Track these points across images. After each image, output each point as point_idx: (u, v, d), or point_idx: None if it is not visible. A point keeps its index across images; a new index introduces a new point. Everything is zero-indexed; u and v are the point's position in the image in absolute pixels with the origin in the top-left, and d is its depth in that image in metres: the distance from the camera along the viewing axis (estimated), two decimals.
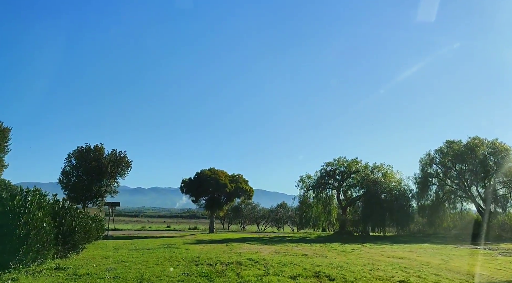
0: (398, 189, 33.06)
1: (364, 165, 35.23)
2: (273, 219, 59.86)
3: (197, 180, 38.33)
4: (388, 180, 33.21)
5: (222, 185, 37.25)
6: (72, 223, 15.14)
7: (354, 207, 35.70)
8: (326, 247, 21.40)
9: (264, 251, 18.25)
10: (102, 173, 30.78)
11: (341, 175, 36.11)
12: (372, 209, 31.96)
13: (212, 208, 39.40)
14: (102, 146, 31.99)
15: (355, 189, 35.58)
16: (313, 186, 36.43)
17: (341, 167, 36.28)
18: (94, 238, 24.18)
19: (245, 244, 23.47)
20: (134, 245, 22.15)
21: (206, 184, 37.39)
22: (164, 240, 27.18)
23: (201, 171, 39.13)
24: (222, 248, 20.66)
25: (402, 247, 22.77)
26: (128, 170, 32.79)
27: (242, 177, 40.19)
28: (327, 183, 36.61)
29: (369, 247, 22.16)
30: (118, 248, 20.02)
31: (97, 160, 30.72)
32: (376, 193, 32.41)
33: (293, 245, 22.53)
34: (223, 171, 39.60)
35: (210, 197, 39.30)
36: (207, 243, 24.62)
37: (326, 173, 36.62)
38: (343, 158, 36.55)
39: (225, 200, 39.84)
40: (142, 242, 25.46)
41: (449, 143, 41.38)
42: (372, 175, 34.31)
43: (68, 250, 14.59)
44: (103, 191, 31.77)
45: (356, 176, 35.52)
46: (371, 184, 33.15)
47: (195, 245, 22.60)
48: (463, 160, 39.71)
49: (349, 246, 22.55)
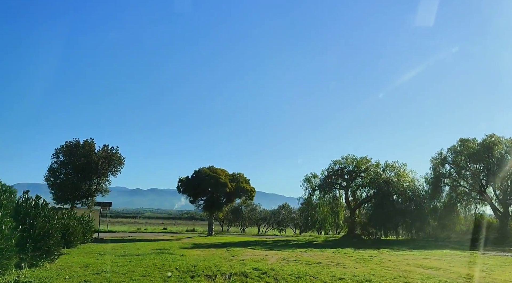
0: (412, 190, 30.67)
1: (375, 164, 32.92)
2: (274, 221, 57.53)
3: (195, 179, 36.05)
4: (402, 179, 30.86)
5: (221, 185, 34.98)
6: (46, 225, 12.87)
7: (364, 208, 33.45)
8: (339, 253, 19.15)
9: (270, 259, 15.99)
10: (92, 170, 28.49)
11: (350, 174, 33.80)
12: (384, 211, 29.72)
13: (211, 209, 37.11)
14: (92, 141, 29.71)
15: (365, 189, 33.30)
16: (319, 186, 34.16)
17: (350, 165, 34.00)
18: (80, 242, 21.98)
19: (247, 249, 21.20)
20: (124, 250, 19.91)
21: (205, 183, 35.10)
22: (158, 244, 24.94)
23: (199, 169, 36.86)
24: (222, 253, 18.42)
25: (423, 253, 20.53)
26: (120, 167, 30.51)
27: (243, 176, 37.91)
28: (335, 183, 34.32)
29: (387, 253, 19.91)
30: (104, 253, 17.76)
31: (87, 156, 28.43)
32: (388, 194, 30.14)
33: (302, 251, 20.27)
34: (223, 170, 37.33)
35: (209, 197, 37.02)
36: (205, 248, 22.37)
37: (333, 172, 34.33)
38: (352, 156, 34.30)
39: (225, 201, 37.57)
40: (133, 245, 23.21)
41: (463, 141, 39.12)
42: (383, 174, 32.02)
43: (39, 257, 12.30)
44: (93, 190, 29.44)
45: (366, 175, 33.22)
46: (383, 184, 30.87)
47: (192, 250, 20.35)
48: (479, 159, 37.45)
49: (364, 252, 20.30)
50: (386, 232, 30.66)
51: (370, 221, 30.80)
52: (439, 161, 40.92)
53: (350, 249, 22.17)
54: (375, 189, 31.51)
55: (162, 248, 21.05)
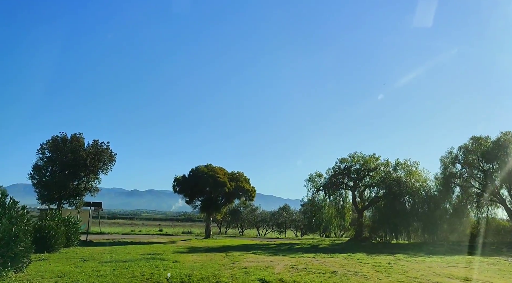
0: (425, 190, 28.63)
1: (385, 162, 30.91)
2: (274, 223, 55.49)
3: (192, 177, 34.05)
4: (414, 179, 28.85)
5: (220, 184, 33.00)
6: (13, 227, 10.87)
7: (373, 210, 31.45)
8: (352, 259, 17.18)
9: (277, 266, 14.02)
10: (80, 167, 26.43)
11: (357, 173, 31.80)
12: (395, 212, 27.77)
13: (209, 210, 35.11)
14: (81, 136, 27.65)
15: (373, 189, 31.27)
16: (324, 186, 32.17)
17: (357, 164, 32.03)
18: (63, 245, 19.98)
19: (249, 254, 19.21)
20: (111, 255, 17.93)
21: (202, 182, 33.12)
22: (151, 248, 22.95)
23: (196, 168, 34.85)
24: (221, 259, 16.44)
25: (445, 260, 18.60)
26: (111, 164, 28.43)
27: (243, 175, 35.93)
28: (341, 183, 32.32)
29: (405, 259, 17.96)
30: (87, 259, 15.77)
31: (75, 152, 26.37)
32: (399, 194, 28.14)
33: (310, 257, 18.30)
34: (221, 168, 35.35)
35: (206, 198, 35.05)
36: (202, 252, 20.39)
37: (339, 171, 32.33)
38: (359, 153, 32.31)
39: (224, 201, 35.59)
40: (123, 249, 21.21)
41: (475, 139, 37.21)
42: (394, 173, 30.03)
43: (2, 266, 10.29)
44: (81, 189, 27.36)
45: (374, 174, 31.23)
46: (394, 184, 28.87)
47: (187, 255, 18.36)
48: (493, 158, 35.54)
49: (379, 258, 18.35)
50: (397, 235, 28.68)
51: (379, 223, 28.85)
52: (450, 161, 38.98)
53: (362, 254, 20.22)
54: (385, 189, 29.50)
55: (154, 252, 19.06)
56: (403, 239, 30.21)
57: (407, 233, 28.55)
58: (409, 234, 28.53)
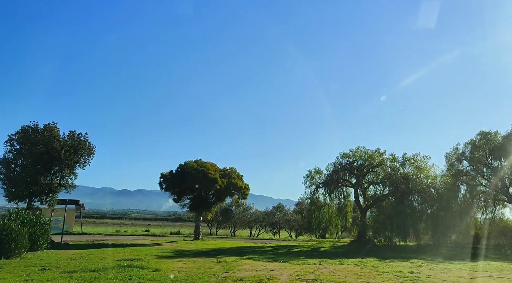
0: (435, 187, 26.20)
1: (391, 157, 28.46)
2: (267, 223, 52.93)
3: (180, 174, 31.34)
4: (424, 175, 26.48)
5: (211, 181, 30.36)
6: None
7: (377, 209, 29.08)
8: (366, 266, 14.73)
9: (280, 277, 11.52)
10: (52, 160, 23.61)
11: (360, 170, 29.38)
12: (403, 212, 25.45)
13: (198, 209, 32.45)
14: (55, 126, 24.80)
15: (378, 186, 28.85)
16: (324, 183, 29.72)
17: (360, 159, 29.59)
18: (26, 250, 17.18)
19: (244, 259, 16.66)
20: (82, 261, 15.28)
21: (191, 179, 30.44)
22: (132, 251, 20.32)
23: (185, 163, 32.15)
24: (212, 267, 13.89)
25: (468, 266, 16.31)
26: (90, 158, 25.61)
27: (235, 171, 33.32)
28: (342, 179, 29.88)
29: (426, 266, 15.58)
30: (49, 267, 13.12)
31: (47, 143, 23.52)
32: (408, 192, 25.77)
33: (315, 263, 15.79)
34: (212, 164, 32.71)
35: (196, 196, 32.39)
36: (189, 257, 17.80)
37: (340, 166, 29.88)
38: (363, 148, 29.83)
39: (215, 199, 32.96)
40: (100, 253, 18.55)
41: (483, 134, 35.03)
42: (402, 169, 27.66)
43: None
44: (55, 185, 24.50)
45: (380, 170, 28.84)
46: (402, 181, 26.49)
47: (172, 261, 15.77)
48: (502, 154, 33.42)
49: (395, 264, 15.94)
50: (405, 237, 26.34)
51: (385, 224, 26.50)
52: (456, 157, 36.80)
53: (374, 259, 17.80)
54: (391, 187, 27.11)
55: (133, 257, 16.44)
56: (410, 241, 27.93)
57: (415, 235, 26.20)
58: (418, 236, 26.17)
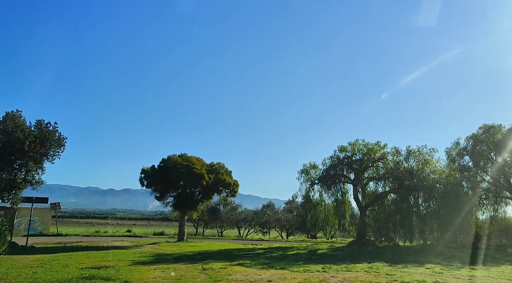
0: (442, 183, 23.91)
1: (393, 150, 26.22)
2: (257, 223, 50.50)
3: (163, 169, 28.71)
4: (430, 170, 24.27)
5: (197, 176, 27.81)
6: None
7: (378, 207, 26.85)
8: (379, 275, 12.48)
9: None
10: (15, 152, 20.80)
11: (360, 164, 27.14)
12: (407, 210, 23.34)
13: (183, 208, 29.87)
14: (19, 114, 21.94)
15: (379, 182, 26.65)
16: (320, 179, 27.45)
17: (359, 153, 27.37)
18: None
19: (234, 266, 14.23)
20: (38, 270, 12.75)
21: (176, 174, 27.84)
22: (105, 255, 17.77)
23: (168, 158, 29.51)
24: (196, 277, 11.49)
25: (495, 272, 14.10)
26: (60, 150, 22.81)
27: (223, 166, 30.82)
28: (340, 175, 27.60)
29: (449, 274, 13.37)
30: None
31: (8, 133, 20.69)
32: (413, 188, 23.58)
33: (318, 269, 13.45)
34: (198, 158, 30.14)
35: (180, 193, 29.83)
36: (170, 262, 15.31)
37: (338, 161, 27.62)
38: (362, 141, 27.61)
39: (201, 197, 30.43)
40: (65, 260, 15.96)
41: (486, 128, 33.35)
42: (406, 163, 25.46)
43: None
44: (18, 181, 21.66)
45: (381, 165, 26.63)
46: (406, 176, 24.30)
47: (148, 268, 13.27)
48: (506, 149, 31.63)
49: (411, 271, 13.71)
50: (411, 237, 24.21)
51: (388, 223, 24.37)
52: (457, 152, 35.06)
53: (382, 264, 15.56)
54: (394, 183, 24.93)
55: (102, 265, 13.87)
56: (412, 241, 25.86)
57: (421, 235, 24.09)
58: (423, 236, 24.05)
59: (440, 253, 20.09)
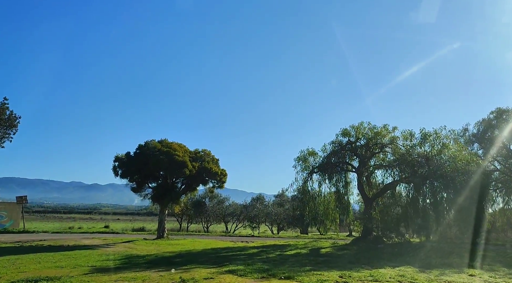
0: (465, 172, 20.61)
1: (407, 133, 22.87)
2: (246, 217, 47.16)
3: (140, 156, 25.09)
4: (450, 155, 21.04)
5: (178, 164, 24.31)
6: None
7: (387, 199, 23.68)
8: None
9: None
10: None
11: (365, 150, 23.92)
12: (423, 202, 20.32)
13: (163, 201, 26.35)
14: None
15: (388, 171, 23.39)
16: (320, 167, 24.22)
17: (363, 138, 24.19)
18: None
19: (223, 273, 10.94)
20: None
21: (154, 162, 24.27)
22: (62, 258, 14.31)
23: (146, 144, 25.88)
24: None
25: None
26: (12, 131, 19.12)
27: (209, 154, 27.37)
28: (342, 163, 24.37)
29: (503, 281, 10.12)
30: None
31: None
32: (430, 177, 20.44)
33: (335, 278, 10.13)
34: (181, 145, 26.62)
35: (160, 184, 26.35)
36: (140, 269, 11.85)
37: (340, 147, 24.39)
38: (367, 124, 24.33)
39: (184, 188, 26.94)
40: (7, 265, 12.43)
41: (499, 112, 30.45)
42: (420, 148, 22.21)
43: None
44: None
45: (390, 150, 23.46)
46: (422, 163, 21.14)
47: (108, 279, 9.76)
48: None
49: (452, 279, 10.46)
50: (428, 233, 21.20)
51: (400, 217, 21.30)
52: (466, 139, 32.22)
53: (411, 269, 12.43)
54: (406, 171, 21.72)
55: (46, 276, 10.37)
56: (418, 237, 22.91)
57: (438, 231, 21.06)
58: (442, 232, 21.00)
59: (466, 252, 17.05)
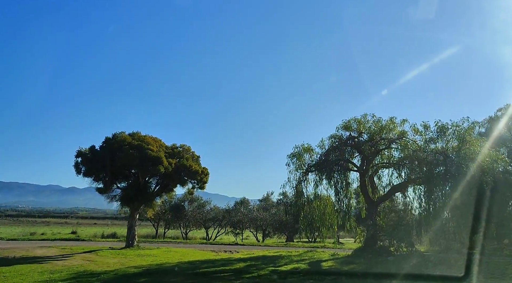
0: (490, 171, 17.57)
1: (422, 126, 19.59)
2: (228, 223, 43.53)
3: (107, 151, 21.38)
4: (471, 151, 17.99)
5: (152, 160, 20.71)
6: None
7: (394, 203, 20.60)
8: None
9: None
10: None
11: (369, 146, 20.76)
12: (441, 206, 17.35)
13: (134, 203, 22.60)
14: None
15: (397, 170, 20.16)
16: (316, 166, 21.00)
17: (367, 133, 21.10)
18: None
19: None
20: None
21: (123, 158, 20.59)
22: None
23: (114, 136, 22.14)
24: None
25: None
26: None
27: (189, 149, 23.88)
28: (343, 160, 21.12)
29: None
30: None
31: None
32: (448, 177, 17.46)
33: None
34: (155, 139, 23.05)
35: (131, 184, 22.70)
36: None
37: (340, 142, 21.22)
38: (371, 116, 21.16)
39: (158, 189, 23.33)
40: None
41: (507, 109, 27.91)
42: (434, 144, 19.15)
43: None
44: None
45: (399, 146, 20.31)
46: (439, 161, 18.06)
47: None
48: None
49: None
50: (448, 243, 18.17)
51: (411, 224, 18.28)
52: None
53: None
54: (419, 170, 18.69)
55: None
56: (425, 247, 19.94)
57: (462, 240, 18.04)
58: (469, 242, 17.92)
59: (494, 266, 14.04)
